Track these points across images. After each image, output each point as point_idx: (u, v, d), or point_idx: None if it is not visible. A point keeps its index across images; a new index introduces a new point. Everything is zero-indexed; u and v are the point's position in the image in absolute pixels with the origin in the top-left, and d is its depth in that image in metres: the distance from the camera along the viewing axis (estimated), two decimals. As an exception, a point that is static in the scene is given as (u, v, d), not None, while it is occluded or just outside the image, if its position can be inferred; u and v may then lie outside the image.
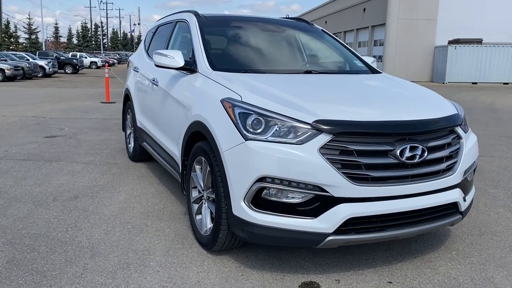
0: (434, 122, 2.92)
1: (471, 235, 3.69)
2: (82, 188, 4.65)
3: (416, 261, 3.20)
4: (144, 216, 3.92)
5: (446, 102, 3.37)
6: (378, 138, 2.71)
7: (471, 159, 3.16)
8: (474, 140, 3.30)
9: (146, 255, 3.18)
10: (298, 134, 2.68)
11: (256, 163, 2.65)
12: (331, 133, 2.63)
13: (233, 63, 3.84)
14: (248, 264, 3.09)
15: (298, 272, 2.99)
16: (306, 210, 2.66)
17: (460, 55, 29.15)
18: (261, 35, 4.30)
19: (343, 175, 2.61)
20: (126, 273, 2.92)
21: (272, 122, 2.73)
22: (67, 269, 2.94)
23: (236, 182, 2.76)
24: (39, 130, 8.13)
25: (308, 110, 2.76)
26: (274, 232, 2.70)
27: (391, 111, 2.98)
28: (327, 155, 2.62)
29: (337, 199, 2.63)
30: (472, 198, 3.30)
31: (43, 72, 29.37)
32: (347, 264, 3.12)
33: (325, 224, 2.64)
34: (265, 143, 2.67)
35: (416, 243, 3.49)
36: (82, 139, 7.32)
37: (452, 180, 2.94)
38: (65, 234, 3.49)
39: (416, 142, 2.76)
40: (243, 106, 2.84)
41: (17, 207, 4.03)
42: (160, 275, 2.90)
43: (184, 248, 3.31)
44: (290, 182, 2.63)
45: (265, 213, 2.70)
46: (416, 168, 2.79)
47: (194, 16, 4.23)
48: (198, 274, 2.93)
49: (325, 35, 4.64)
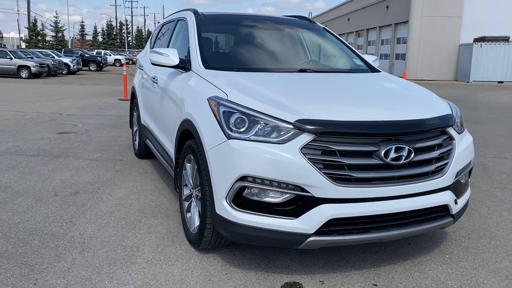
0: (422, 123, 2.85)
1: (468, 238, 3.60)
2: (83, 184, 4.73)
3: (405, 264, 3.13)
4: (140, 212, 3.96)
5: (440, 102, 3.29)
6: (362, 139, 2.66)
7: (464, 161, 3.08)
8: (469, 141, 3.21)
9: (135, 251, 3.21)
10: (281, 134, 2.66)
11: (237, 162, 2.65)
12: (313, 132, 2.60)
13: (227, 62, 3.85)
14: (234, 263, 3.08)
15: (282, 272, 2.97)
16: (287, 210, 2.64)
17: (486, 53, 28.43)
18: (259, 34, 4.28)
19: (325, 175, 2.58)
20: (112, 269, 2.95)
21: (255, 121, 2.71)
22: (55, 263, 3.00)
23: (219, 180, 2.76)
24: (53, 126, 8.31)
25: (292, 109, 2.73)
26: (255, 232, 2.69)
27: (378, 111, 2.93)
28: (308, 155, 2.59)
29: (318, 200, 2.60)
30: (466, 200, 3.22)
31: (68, 69, 30.00)
32: (334, 265, 3.09)
33: (306, 224, 2.62)
34: (247, 142, 2.66)
35: (409, 246, 3.42)
36: (93, 136, 7.45)
37: (442, 182, 2.87)
38: (60, 229, 3.55)
39: (402, 143, 2.70)
40: (227, 105, 2.84)
41: (18, 202, 4.13)
42: (145, 272, 2.92)
43: (173, 245, 3.33)
44: (271, 181, 2.61)
45: (247, 212, 2.69)
46: (402, 170, 2.73)
47: (193, 15, 4.25)
48: (182, 272, 2.95)
49: (326, 33, 4.59)
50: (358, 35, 43.53)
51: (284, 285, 2.82)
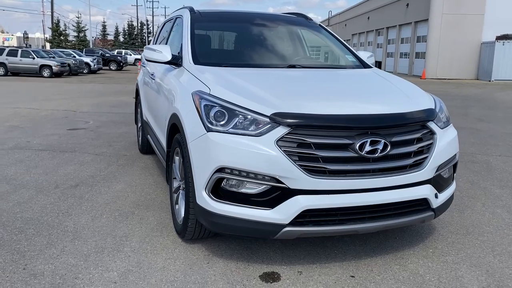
0: (400, 117, 2.88)
1: (456, 234, 3.60)
2: (85, 177, 4.89)
3: (387, 257, 3.16)
4: (134, 205, 4.08)
5: (424, 97, 3.30)
6: (337, 132, 2.71)
7: (446, 155, 3.09)
8: (452, 136, 3.21)
9: (124, 241, 3.33)
10: (259, 127, 2.73)
11: (215, 153, 2.72)
12: (288, 125, 2.66)
13: (218, 58, 3.93)
14: (217, 253, 3.17)
15: (263, 263, 3.04)
16: (263, 201, 2.71)
17: (508, 51, 27.78)
18: (252, 31, 4.35)
19: (300, 167, 2.63)
20: (99, 256, 3.07)
21: (234, 115, 2.79)
22: (46, 250, 3.14)
23: (199, 172, 2.85)
24: (65, 123, 8.55)
25: (271, 103, 2.80)
26: (233, 222, 2.76)
27: (357, 104, 2.97)
28: (284, 147, 2.65)
29: (293, 191, 2.66)
30: (450, 195, 3.22)
31: (88, 68, 30.63)
32: (315, 257, 3.14)
33: (281, 215, 2.68)
34: (225, 135, 2.74)
35: (394, 240, 3.45)
36: (102, 132, 7.65)
37: (420, 176, 2.89)
38: (55, 219, 3.70)
39: (378, 137, 2.73)
40: (208, 99, 2.92)
41: (20, 193, 4.31)
42: (130, 260, 3.03)
43: (161, 236, 3.43)
44: (248, 173, 2.69)
45: (225, 203, 2.77)
46: (378, 163, 2.77)
47: (188, 12, 4.35)
48: (165, 260, 3.04)
49: (322, 30, 4.63)
50: (378, 34, 43.11)
51: (263, 275, 2.89)
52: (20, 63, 26.26)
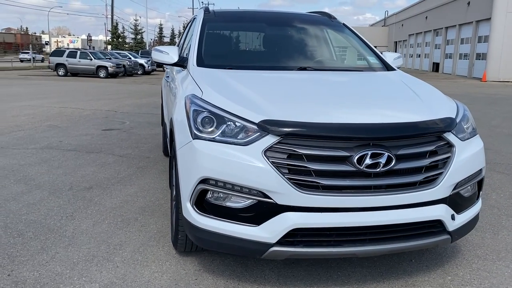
0: (408, 127, 2.53)
1: (484, 259, 3.17)
2: (101, 179, 4.85)
3: (396, 284, 2.81)
4: (140, 210, 3.96)
5: (444, 104, 2.92)
6: (332, 142, 2.41)
7: (467, 171, 2.70)
8: (476, 148, 2.81)
9: (117, 249, 3.20)
10: (248, 135, 2.49)
11: (199, 163, 2.52)
12: (278, 134, 2.40)
13: (224, 59, 3.72)
14: (209, 268, 2.96)
15: (255, 282, 2.80)
16: (249, 217, 2.47)
17: None
18: (266, 31, 4.10)
19: (289, 181, 2.37)
20: (87, 265, 2.96)
21: (223, 121, 2.57)
22: (37, 256, 3.07)
23: (184, 182, 2.65)
24: (102, 123, 8.70)
25: (262, 109, 2.55)
26: (218, 238, 2.54)
27: (360, 112, 2.65)
28: (272, 158, 2.40)
29: (281, 207, 2.40)
30: (471, 216, 2.82)
31: (143, 69, 31.56)
32: (315, 278, 2.85)
33: (268, 233, 2.43)
34: (210, 143, 2.53)
35: (410, 263, 3.08)
36: (134, 133, 7.69)
37: (433, 194, 2.53)
38: (57, 222, 3.65)
39: (381, 149, 2.41)
40: (197, 103, 2.72)
41: (33, 194, 4.32)
42: (116, 271, 2.89)
43: (157, 246, 3.27)
44: (233, 185, 2.46)
45: (209, 217, 2.55)
46: (381, 178, 2.44)
47: (203, 12, 4.18)
48: (152, 274, 2.87)
49: (345, 29, 4.29)
50: (436, 34, 41.23)
51: (251, 296, 2.65)
52: (78, 64, 27.52)
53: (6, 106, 11.13)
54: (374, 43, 25.66)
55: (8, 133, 7.46)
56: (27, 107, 11.02)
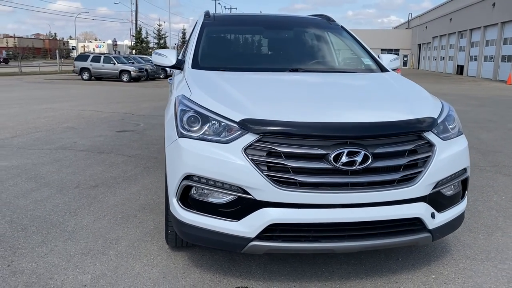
0: (385, 126, 2.58)
1: (472, 259, 3.17)
2: (107, 178, 5.02)
3: (378, 281, 2.86)
4: (140, 208, 4.10)
5: (428, 104, 2.95)
6: (309, 141, 2.49)
7: (449, 170, 2.73)
8: (459, 147, 2.83)
9: (113, 244, 3.34)
10: (230, 133, 2.59)
11: (183, 160, 2.63)
12: (257, 133, 2.49)
13: (219, 61, 3.82)
14: (197, 262, 3.06)
15: (240, 277, 2.89)
16: (229, 212, 2.56)
17: None
18: (262, 34, 4.20)
19: (267, 178, 2.46)
20: (82, 258, 3.10)
21: (207, 120, 2.68)
22: (37, 249, 3.23)
23: (170, 178, 2.77)
24: (117, 125, 8.94)
25: (244, 109, 2.65)
26: (201, 233, 2.65)
27: (339, 112, 2.71)
28: (252, 156, 2.49)
29: (260, 203, 2.49)
30: (454, 216, 2.84)
31: (165, 73, 32.01)
32: (299, 274, 2.92)
33: (247, 228, 2.52)
34: (194, 141, 2.64)
35: (396, 261, 3.12)
36: (146, 135, 7.88)
37: (411, 192, 2.58)
38: (60, 218, 3.82)
39: (357, 147, 2.47)
40: (185, 103, 2.84)
41: (42, 191, 4.52)
42: (110, 264, 3.02)
43: (151, 241, 3.40)
44: (215, 182, 2.56)
45: (193, 212, 2.66)
46: (358, 176, 2.51)
47: (203, 16, 4.31)
48: (143, 267, 3.00)
49: (343, 32, 4.35)
50: (461, 36, 40.53)
51: (233, 290, 2.74)
52: (102, 68, 28.17)
53: (28, 109, 11.53)
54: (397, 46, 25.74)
55: (27, 134, 7.76)
56: (48, 110, 11.40)
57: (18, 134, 7.76)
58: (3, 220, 3.75)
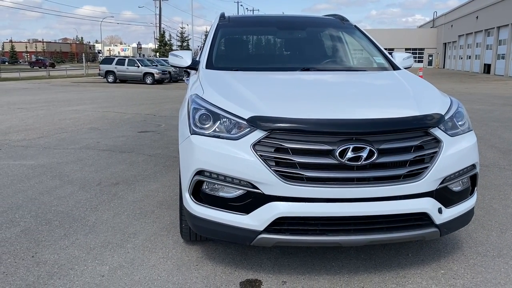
0: (391, 122, 2.63)
1: (483, 255, 3.18)
2: (128, 176, 5.19)
3: (386, 275, 2.91)
4: (158, 204, 4.24)
5: (435, 101, 2.98)
6: (316, 137, 2.57)
7: (456, 166, 2.76)
8: (468, 144, 2.86)
9: (131, 237, 3.48)
10: (240, 130, 2.69)
11: (195, 156, 2.74)
12: (265, 129, 2.59)
13: (233, 62, 3.94)
14: (210, 255, 3.17)
15: (251, 269, 2.98)
16: (239, 206, 2.66)
17: None
18: (276, 34, 4.29)
19: (275, 173, 2.54)
20: (101, 250, 3.25)
21: (218, 118, 2.78)
22: (59, 241, 3.40)
23: (183, 174, 2.89)
24: (139, 126, 9.16)
25: (253, 106, 2.74)
26: (212, 226, 2.75)
27: (348, 109, 2.77)
28: (260, 151, 2.58)
29: (268, 197, 2.58)
30: (463, 211, 2.86)
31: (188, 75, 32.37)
32: (309, 267, 2.99)
33: (256, 221, 2.61)
34: (205, 138, 2.75)
35: (406, 256, 3.16)
36: (166, 135, 8.06)
37: (418, 187, 2.62)
38: (82, 213, 3.99)
39: (363, 143, 2.54)
40: (197, 102, 2.95)
41: (65, 188, 4.72)
42: (127, 256, 3.16)
43: (167, 235, 3.52)
44: (225, 177, 2.66)
45: (205, 206, 2.76)
46: (365, 171, 2.57)
47: (218, 18, 4.43)
48: (158, 259, 3.12)
49: (356, 31, 4.40)
50: (488, 34, 39.66)
51: (244, 281, 2.83)
52: (126, 71, 28.73)
53: (55, 111, 11.91)
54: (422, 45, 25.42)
55: (53, 135, 8.04)
56: (74, 112, 11.75)
57: (44, 135, 8.05)
58: (28, 215, 3.94)
